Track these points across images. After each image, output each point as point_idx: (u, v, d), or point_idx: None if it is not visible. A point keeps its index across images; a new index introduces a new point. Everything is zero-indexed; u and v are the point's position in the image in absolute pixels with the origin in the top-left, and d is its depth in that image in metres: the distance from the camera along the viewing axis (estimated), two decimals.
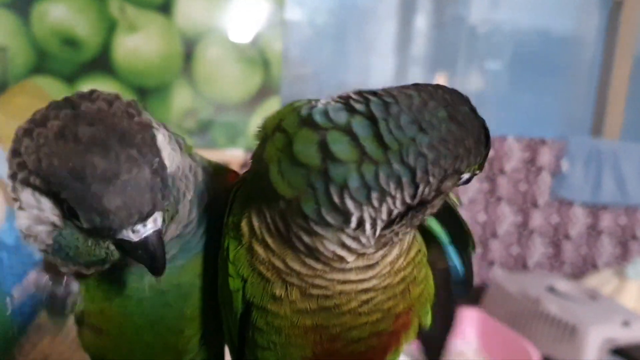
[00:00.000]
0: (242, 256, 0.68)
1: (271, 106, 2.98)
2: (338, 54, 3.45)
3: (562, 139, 3.55)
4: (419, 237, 0.74)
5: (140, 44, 2.81)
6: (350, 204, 0.57)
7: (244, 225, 0.68)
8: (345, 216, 0.58)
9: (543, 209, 3.61)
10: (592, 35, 3.74)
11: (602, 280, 3.21)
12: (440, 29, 3.52)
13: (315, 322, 0.68)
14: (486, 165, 2.45)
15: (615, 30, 3.60)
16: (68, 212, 0.61)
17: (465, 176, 0.62)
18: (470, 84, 3.49)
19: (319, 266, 0.64)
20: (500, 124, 3.49)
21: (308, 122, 0.59)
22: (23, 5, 2.65)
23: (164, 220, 0.65)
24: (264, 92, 2.99)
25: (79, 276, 0.69)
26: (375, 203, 0.57)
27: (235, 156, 2.95)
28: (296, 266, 0.65)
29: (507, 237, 3.59)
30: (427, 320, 0.79)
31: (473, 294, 3.53)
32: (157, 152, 0.63)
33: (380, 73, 3.50)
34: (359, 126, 0.56)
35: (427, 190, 0.58)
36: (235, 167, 3.04)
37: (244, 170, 0.73)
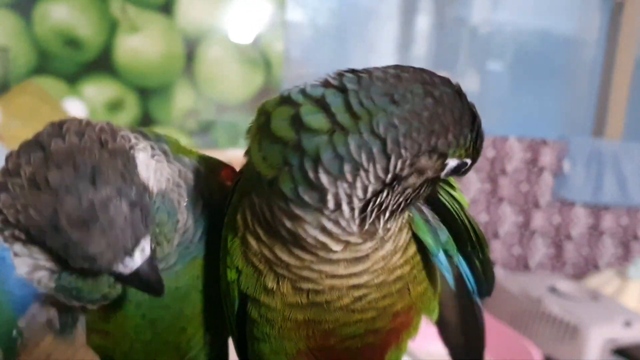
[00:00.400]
0: (237, 247, 0.68)
1: None
2: (339, 55, 3.46)
3: (563, 140, 3.55)
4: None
5: (141, 44, 2.81)
6: (324, 179, 0.56)
7: (238, 216, 0.68)
8: (321, 193, 0.57)
9: (544, 210, 3.61)
10: (593, 36, 3.74)
11: (603, 281, 3.21)
12: (441, 29, 3.52)
13: (307, 317, 0.67)
14: (488, 165, 2.46)
15: (616, 31, 3.60)
16: (57, 258, 0.61)
17: (452, 162, 0.60)
18: (472, 85, 3.49)
19: (306, 257, 0.63)
20: (502, 124, 3.49)
21: (285, 99, 0.59)
22: (25, 5, 2.65)
23: (154, 245, 0.65)
24: (265, 92, 2.99)
25: (86, 310, 0.69)
26: (349, 177, 0.56)
27: (236, 156, 2.92)
28: (284, 257, 0.64)
29: (509, 238, 3.60)
30: (434, 316, 0.78)
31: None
32: (134, 179, 0.61)
33: None
34: (331, 97, 0.56)
35: (399, 163, 0.57)
36: (236, 167, 3.03)
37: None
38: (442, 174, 0.61)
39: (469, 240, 0.73)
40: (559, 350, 2.73)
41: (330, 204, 0.57)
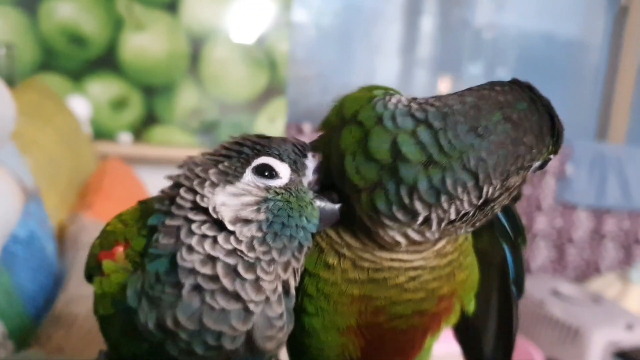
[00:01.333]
0: None
1: (277, 107, 2.99)
2: (343, 56, 3.46)
3: (566, 143, 3.54)
4: None
5: (146, 43, 2.82)
6: (418, 205, 0.60)
7: None
8: (413, 214, 0.61)
9: (547, 213, 3.62)
10: (597, 39, 3.75)
11: (605, 284, 3.21)
12: (445, 32, 3.53)
13: (362, 293, 0.70)
14: None
15: (620, 35, 3.61)
16: (263, 173, 0.62)
17: (537, 164, 0.63)
18: None
19: (371, 244, 0.67)
20: None
21: (379, 119, 0.62)
22: (30, 2, 2.65)
23: None
24: (270, 92, 3.00)
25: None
26: (445, 205, 0.60)
27: None
28: (349, 239, 0.68)
29: None
30: (470, 307, 0.81)
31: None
32: None
33: (385, 75, 3.51)
34: (423, 133, 0.59)
35: (491, 190, 0.61)
36: None
37: None
38: (527, 175, 0.65)
39: (517, 229, 0.77)
40: (561, 353, 2.73)
41: (420, 220, 0.62)
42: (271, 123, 3.00)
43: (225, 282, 0.57)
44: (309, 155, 0.65)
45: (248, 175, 0.61)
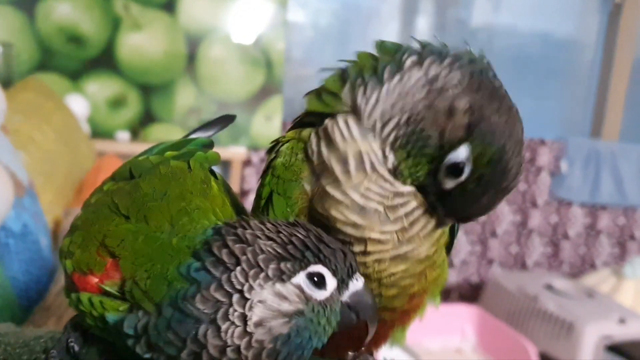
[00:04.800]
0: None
1: (273, 105, 3.01)
2: (340, 56, 3.44)
3: (561, 140, 3.58)
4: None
5: (144, 42, 2.85)
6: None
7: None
8: None
9: (542, 209, 3.64)
10: (591, 38, 3.77)
11: (599, 279, 3.23)
12: (441, 31, 3.55)
13: None
14: None
15: (614, 33, 3.63)
16: (314, 283, 0.62)
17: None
18: None
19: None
20: None
21: None
22: (28, 2, 2.68)
23: None
24: (266, 91, 3.02)
25: None
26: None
27: (237, 154, 2.98)
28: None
29: (506, 236, 3.62)
30: (437, 302, 0.80)
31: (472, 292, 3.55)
32: None
33: None
34: None
35: None
36: (237, 164, 3.05)
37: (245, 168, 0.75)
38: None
39: None
40: (555, 347, 2.75)
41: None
42: (267, 121, 3.02)
43: None
44: (356, 276, 0.65)
45: (300, 278, 0.61)
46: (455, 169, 0.62)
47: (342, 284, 0.63)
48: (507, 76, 0.70)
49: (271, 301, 0.59)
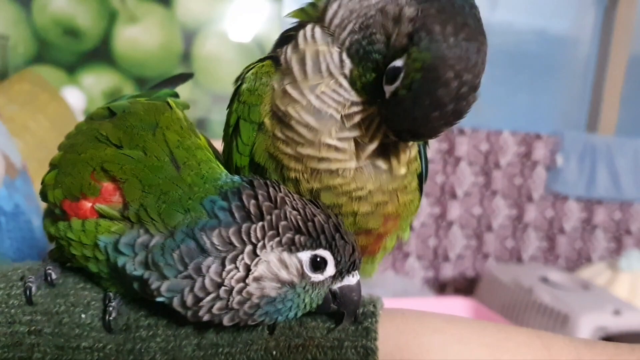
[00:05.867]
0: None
1: None
2: None
3: (557, 134, 3.58)
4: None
5: (140, 35, 2.86)
6: None
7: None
8: None
9: (538, 203, 3.64)
10: (587, 34, 3.78)
11: (595, 272, 3.23)
12: None
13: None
14: (482, 159, 2.53)
15: (610, 29, 3.64)
16: (315, 264, 0.64)
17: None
18: None
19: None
20: (496, 118, 3.53)
21: None
22: None
23: None
24: None
25: None
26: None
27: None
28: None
29: (502, 231, 3.62)
30: (406, 235, 0.80)
31: (468, 285, 3.56)
32: None
33: None
34: None
35: None
36: None
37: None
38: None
39: None
40: None
41: None
42: None
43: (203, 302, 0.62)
44: (354, 272, 0.67)
45: (305, 255, 0.63)
46: (393, 76, 0.61)
47: (338, 275, 0.65)
48: (504, 72, 0.70)
49: (274, 265, 0.62)
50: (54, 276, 0.68)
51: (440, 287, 3.57)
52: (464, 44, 0.58)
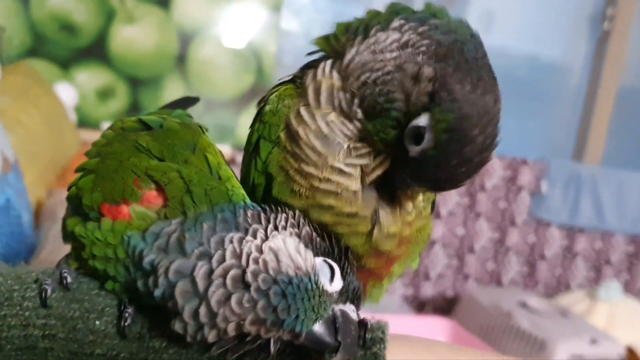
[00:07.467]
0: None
1: None
2: None
3: (543, 161, 3.61)
4: None
5: (136, 35, 2.85)
6: None
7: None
8: None
9: (520, 228, 3.66)
10: (579, 63, 3.83)
11: (573, 300, 3.26)
12: None
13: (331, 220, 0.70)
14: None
15: (601, 60, 3.68)
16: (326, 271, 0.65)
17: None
18: None
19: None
20: None
21: None
22: None
23: None
24: (255, 92, 3.03)
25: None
26: None
27: (223, 153, 2.97)
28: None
29: (484, 253, 3.64)
30: (414, 264, 0.81)
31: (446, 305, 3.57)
32: None
33: None
34: None
35: None
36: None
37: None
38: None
39: None
40: None
41: None
42: None
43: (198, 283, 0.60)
44: (355, 308, 0.67)
45: (319, 259, 0.64)
46: (417, 135, 0.63)
47: (341, 296, 0.65)
48: None
49: (291, 246, 0.63)
50: (69, 279, 0.68)
51: (419, 306, 3.58)
52: (482, 98, 0.61)
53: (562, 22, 3.79)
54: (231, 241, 0.61)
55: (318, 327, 0.62)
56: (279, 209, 0.67)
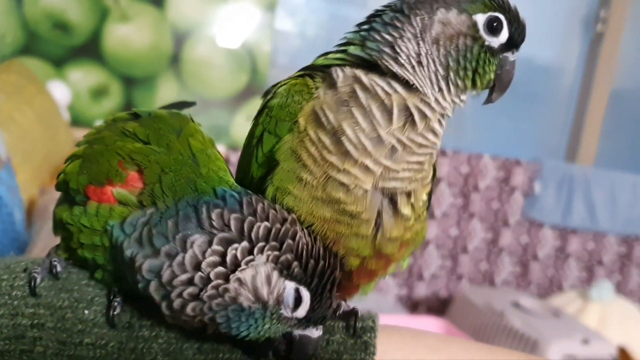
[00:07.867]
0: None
1: (255, 106, 3.01)
2: None
3: (536, 161, 3.62)
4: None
5: (130, 34, 2.85)
6: None
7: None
8: None
9: (513, 228, 3.68)
10: (572, 64, 3.84)
11: (566, 300, 3.27)
12: None
13: (330, 216, 0.70)
14: (461, 181, 2.55)
15: (595, 61, 3.70)
16: (294, 300, 0.63)
17: (480, 18, 0.73)
18: None
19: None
20: (478, 142, 3.56)
21: None
22: None
23: None
24: (250, 92, 3.04)
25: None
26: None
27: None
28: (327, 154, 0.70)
29: (477, 253, 3.65)
30: (405, 264, 0.81)
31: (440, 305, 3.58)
32: None
33: None
34: None
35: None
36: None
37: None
38: (480, 32, 0.72)
39: None
40: None
41: None
42: (249, 122, 3.01)
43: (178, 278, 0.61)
44: (319, 327, 0.66)
45: (290, 286, 0.63)
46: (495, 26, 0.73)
47: (305, 322, 0.64)
48: (487, 96, 0.74)
49: (260, 278, 0.61)
50: (59, 268, 0.68)
51: (413, 306, 3.59)
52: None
53: (555, 24, 3.80)
54: (192, 245, 0.61)
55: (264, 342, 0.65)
56: (264, 204, 0.65)
